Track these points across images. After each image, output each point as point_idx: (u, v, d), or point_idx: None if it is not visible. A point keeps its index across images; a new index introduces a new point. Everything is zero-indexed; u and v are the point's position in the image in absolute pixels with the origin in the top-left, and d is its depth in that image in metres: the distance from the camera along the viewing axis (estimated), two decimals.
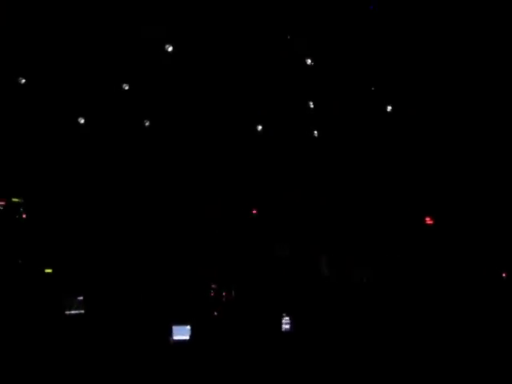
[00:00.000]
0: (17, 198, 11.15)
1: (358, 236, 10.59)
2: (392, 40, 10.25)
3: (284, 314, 10.09)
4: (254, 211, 10.98)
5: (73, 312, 10.39)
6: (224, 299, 10.50)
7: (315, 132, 10.88)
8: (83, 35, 10.99)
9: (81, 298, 10.47)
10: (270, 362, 9.03)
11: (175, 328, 9.96)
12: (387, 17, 10.23)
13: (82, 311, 10.45)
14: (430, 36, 10.06)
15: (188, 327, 9.94)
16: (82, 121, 11.44)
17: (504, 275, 9.93)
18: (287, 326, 10.06)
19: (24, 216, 11.16)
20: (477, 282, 9.86)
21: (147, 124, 11.66)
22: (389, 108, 10.49)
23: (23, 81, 11.17)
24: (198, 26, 10.91)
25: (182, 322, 10.02)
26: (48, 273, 10.99)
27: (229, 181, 11.07)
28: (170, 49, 11.24)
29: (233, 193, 11.11)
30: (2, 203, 11.08)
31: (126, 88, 11.49)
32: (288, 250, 10.80)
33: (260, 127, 11.22)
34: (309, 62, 10.59)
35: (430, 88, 10.28)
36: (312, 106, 10.83)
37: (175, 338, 9.93)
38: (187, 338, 9.91)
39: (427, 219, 10.49)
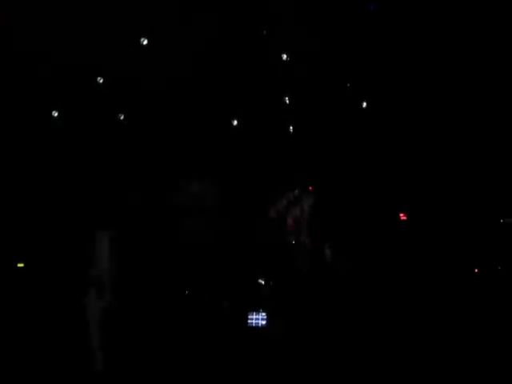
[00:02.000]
0: None
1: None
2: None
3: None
4: None
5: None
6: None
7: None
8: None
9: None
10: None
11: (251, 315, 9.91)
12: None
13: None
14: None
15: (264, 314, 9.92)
16: (55, 114, 11.02)
17: (476, 271, 10.03)
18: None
19: None
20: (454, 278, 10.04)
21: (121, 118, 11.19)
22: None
23: None
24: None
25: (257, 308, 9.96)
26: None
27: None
28: (146, 42, 11.03)
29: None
30: None
31: (101, 81, 11.04)
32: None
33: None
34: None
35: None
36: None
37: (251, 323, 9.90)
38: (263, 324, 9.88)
39: (401, 215, 10.51)
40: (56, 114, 10.90)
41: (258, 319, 9.86)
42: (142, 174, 10.92)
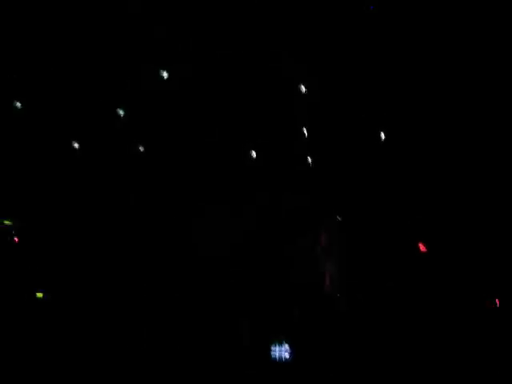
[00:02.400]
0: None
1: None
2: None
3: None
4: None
5: None
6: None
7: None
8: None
9: None
10: None
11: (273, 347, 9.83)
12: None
13: None
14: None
15: (287, 346, 9.81)
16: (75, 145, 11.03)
17: None
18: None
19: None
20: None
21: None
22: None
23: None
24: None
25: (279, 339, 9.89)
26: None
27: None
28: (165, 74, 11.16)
29: None
30: None
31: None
32: None
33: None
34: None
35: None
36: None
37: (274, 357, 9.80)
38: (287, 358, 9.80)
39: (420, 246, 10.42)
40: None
41: (281, 351, 9.82)
42: None
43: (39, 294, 10.47)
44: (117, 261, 10.58)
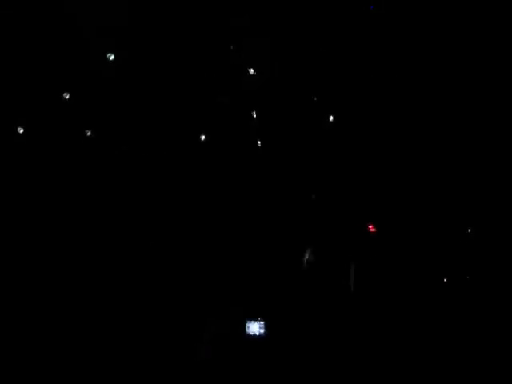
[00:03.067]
0: None
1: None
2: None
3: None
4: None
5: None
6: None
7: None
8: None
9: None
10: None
11: (249, 323, 10.48)
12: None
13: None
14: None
15: (262, 322, 10.47)
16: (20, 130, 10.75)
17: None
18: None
19: None
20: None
21: (88, 134, 11.30)
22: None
23: None
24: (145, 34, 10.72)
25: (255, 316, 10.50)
26: None
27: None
28: (112, 57, 11.18)
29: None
30: None
31: (67, 97, 11.07)
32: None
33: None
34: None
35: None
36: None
37: (249, 332, 10.44)
38: (261, 333, 10.45)
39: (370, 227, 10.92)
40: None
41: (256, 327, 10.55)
42: None
43: None
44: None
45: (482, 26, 10.15)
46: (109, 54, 10.94)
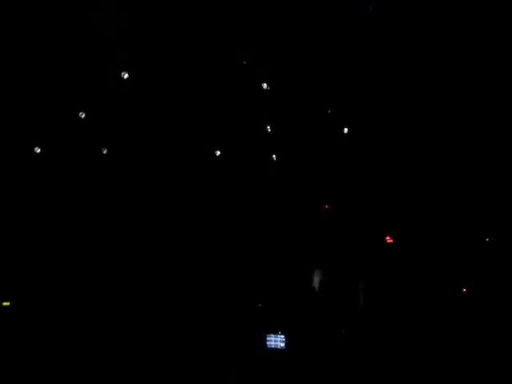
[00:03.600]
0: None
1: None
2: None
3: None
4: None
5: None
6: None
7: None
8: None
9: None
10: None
11: (269, 337, 10.59)
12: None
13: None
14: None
15: (282, 336, 10.54)
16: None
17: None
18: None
19: None
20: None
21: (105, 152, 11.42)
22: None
23: None
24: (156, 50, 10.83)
25: (275, 330, 10.59)
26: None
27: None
28: (126, 76, 11.30)
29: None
30: None
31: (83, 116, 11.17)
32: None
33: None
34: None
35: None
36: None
37: (269, 347, 10.55)
38: (282, 347, 10.53)
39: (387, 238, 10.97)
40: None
41: (276, 341, 10.68)
42: None
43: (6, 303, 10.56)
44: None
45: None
46: (123, 73, 11.06)
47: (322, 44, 10.61)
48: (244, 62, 11.01)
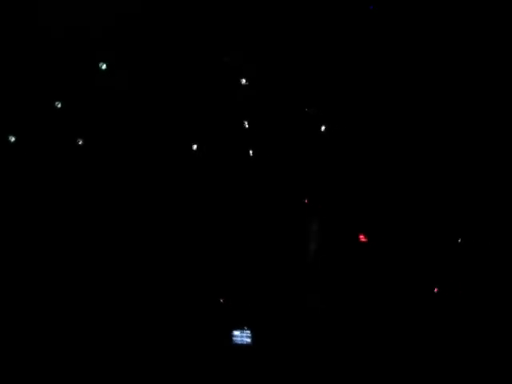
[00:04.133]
0: None
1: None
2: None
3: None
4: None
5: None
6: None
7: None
8: None
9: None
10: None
11: (236, 333, 10.39)
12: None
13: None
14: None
15: (248, 332, 10.38)
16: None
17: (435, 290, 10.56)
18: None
19: None
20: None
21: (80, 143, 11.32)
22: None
23: None
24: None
25: (242, 326, 10.42)
26: None
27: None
28: (104, 67, 11.24)
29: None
30: None
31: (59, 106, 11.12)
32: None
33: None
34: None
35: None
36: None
37: (236, 342, 10.34)
38: (248, 342, 10.36)
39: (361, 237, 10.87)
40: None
41: (242, 337, 10.45)
42: None
43: None
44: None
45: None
46: (101, 64, 11.07)
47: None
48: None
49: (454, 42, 10.22)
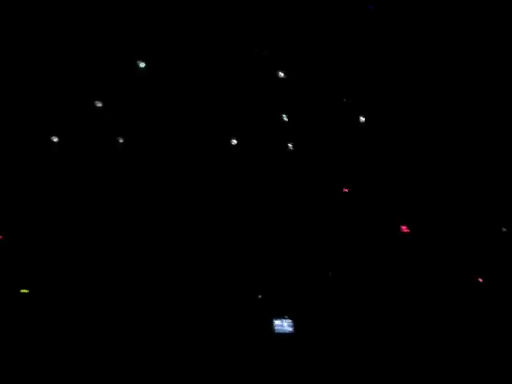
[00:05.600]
0: None
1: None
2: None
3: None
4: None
5: None
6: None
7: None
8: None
9: None
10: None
11: (277, 322, 10.64)
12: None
13: None
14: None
15: (290, 320, 10.62)
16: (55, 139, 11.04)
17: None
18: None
19: None
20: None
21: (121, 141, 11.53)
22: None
23: None
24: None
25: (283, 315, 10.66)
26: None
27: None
28: (142, 65, 11.42)
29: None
30: None
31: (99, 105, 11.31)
32: None
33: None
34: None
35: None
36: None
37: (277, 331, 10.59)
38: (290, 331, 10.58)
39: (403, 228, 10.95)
40: None
41: (283, 325, 10.71)
42: None
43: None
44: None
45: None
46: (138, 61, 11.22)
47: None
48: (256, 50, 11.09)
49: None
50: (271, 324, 10.69)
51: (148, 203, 10.99)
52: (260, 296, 10.86)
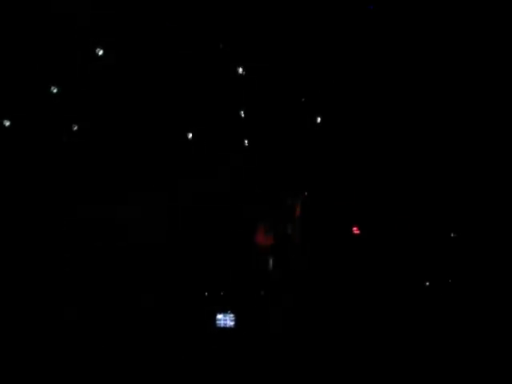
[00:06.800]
0: None
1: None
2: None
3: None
4: None
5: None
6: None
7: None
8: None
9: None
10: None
11: (219, 316, 10.89)
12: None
13: None
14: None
15: (232, 315, 10.89)
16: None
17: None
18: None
19: None
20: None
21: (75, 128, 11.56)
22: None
23: None
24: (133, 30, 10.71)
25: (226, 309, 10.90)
26: None
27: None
28: (101, 52, 11.38)
29: None
30: None
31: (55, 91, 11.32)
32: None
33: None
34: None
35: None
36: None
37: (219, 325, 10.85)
38: (232, 325, 10.84)
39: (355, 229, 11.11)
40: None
41: (225, 320, 10.99)
42: None
43: None
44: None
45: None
46: (97, 49, 11.18)
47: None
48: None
49: (453, 42, 10.27)
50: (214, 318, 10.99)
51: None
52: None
